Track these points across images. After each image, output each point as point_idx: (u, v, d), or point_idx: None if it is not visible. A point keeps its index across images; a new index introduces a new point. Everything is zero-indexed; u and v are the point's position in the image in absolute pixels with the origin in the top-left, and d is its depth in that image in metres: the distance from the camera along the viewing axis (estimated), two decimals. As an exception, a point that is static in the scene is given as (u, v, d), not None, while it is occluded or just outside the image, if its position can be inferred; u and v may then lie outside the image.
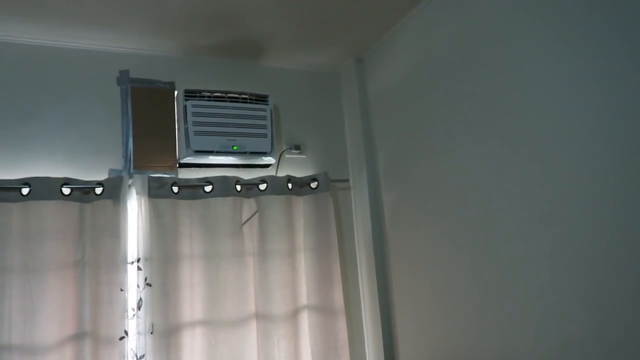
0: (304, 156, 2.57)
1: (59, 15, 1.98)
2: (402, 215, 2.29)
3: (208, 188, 2.22)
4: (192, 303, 2.11)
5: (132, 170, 2.19)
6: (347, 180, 2.59)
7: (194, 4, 1.98)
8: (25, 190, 1.91)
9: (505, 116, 1.67)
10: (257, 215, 2.30)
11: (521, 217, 1.61)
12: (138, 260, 2.02)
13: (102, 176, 2.11)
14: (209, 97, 2.25)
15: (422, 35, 2.13)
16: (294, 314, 2.28)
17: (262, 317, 2.21)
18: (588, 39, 1.38)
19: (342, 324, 2.34)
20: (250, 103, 2.32)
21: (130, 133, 2.22)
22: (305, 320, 2.32)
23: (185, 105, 2.19)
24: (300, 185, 2.43)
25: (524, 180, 1.59)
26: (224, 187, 2.23)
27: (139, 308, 1.98)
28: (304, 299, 2.34)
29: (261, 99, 2.34)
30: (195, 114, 2.19)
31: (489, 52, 1.74)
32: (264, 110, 2.34)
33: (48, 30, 2.07)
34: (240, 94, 2.31)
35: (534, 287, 1.56)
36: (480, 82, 1.78)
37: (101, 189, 2.03)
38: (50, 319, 1.86)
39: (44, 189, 1.93)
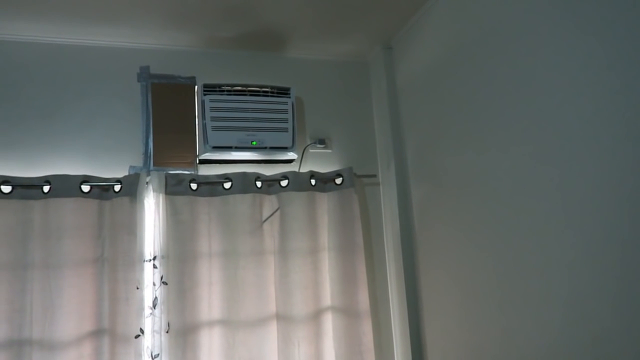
0: (329, 151, 2.46)
1: (78, 12, 1.98)
2: (430, 213, 2.13)
3: (227, 185, 2.17)
4: (210, 302, 2.07)
5: (152, 167, 2.18)
6: (375, 176, 2.46)
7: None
8: (46, 188, 1.94)
9: (537, 112, 1.48)
10: (278, 212, 2.22)
11: (549, 220, 1.42)
12: (154, 259, 2.00)
13: (122, 173, 2.12)
14: (228, 91, 2.18)
15: (453, 17, 1.95)
16: (316, 316, 2.19)
17: (283, 318, 2.14)
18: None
19: (367, 327, 2.22)
20: (272, 96, 2.23)
21: (151, 129, 2.21)
22: (328, 323, 2.23)
23: (204, 100, 2.14)
24: (325, 182, 2.33)
25: (554, 181, 1.41)
26: (244, 183, 2.17)
27: (154, 306, 1.96)
28: (327, 300, 2.25)
29: (283, 92, 2.26)
30: (213, 109, 2.14)
31: (524, 37, 1.55)
32: (285, 103, 2.25)
33: (68, 28, 2.09)
34: (261, 87, 2.23)
35: (560, 293, 1.38)
36: (514, 70, 1.59)
37: (119, 186, 2.02)
38: (69, 315, 1.88)
39: (64, 187, 1.95)
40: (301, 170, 2.32)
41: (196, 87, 2.26)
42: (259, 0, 2.00)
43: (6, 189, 1.90)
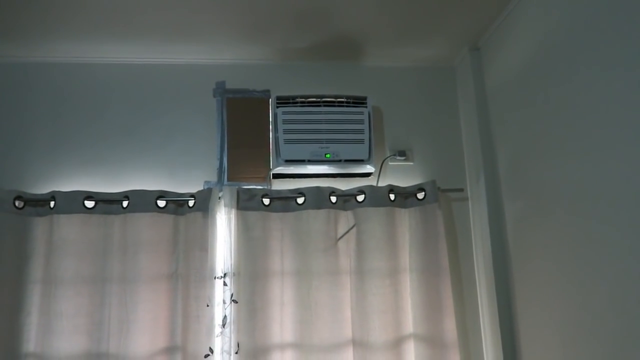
0: (410, 163, 2.27)
1: (155, 32, 2.04)
2: (527, 232, 1.85)
3: (300, 200, 2.07)
4: (282, 323, 1.97)
5: (226, 182, 2.15)
6: (462, 190, 2.21)
7: (284, 2, 1.86)
8: (125, 203, 1.98)
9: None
10: (354, 229, 2.07)
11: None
12: (224, 275, 1.94)
13: (198, 189, 2.11)
14: (302, 102, 2.10)
15: (546, 10, 1.70)
16: (397, 344, 1.99)
17: (359, 344, 1.97)
18: None
19: (454, 359, 1.97)
20: (347, 106, 2.11)
21: (225, 144, 2.19)
22: (410, 352, 2.01)
23: (276, 113, 2.08)
24: (405, 196, 2.14)
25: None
26: (317, 198, 2.05)
27: (223, 325, 1.90)
28: (408, 327, 2.04)
29: (358, 101, 2.13)
30: (285, 122, 2.07)
31: (630, 30, 1.28)
32: (362, 113, 2.11)
33: (149, 48, 2.15)
34: (336, 97, 2.12)
35: None
36: (621, 67, 1.32)
37: (193, 201, 2.01)
38: (143, 330, 1.87)
39: (141, 202, 1.97)
40: (379, 185, 2.16)
41: (270, 100, 2.21)
42: (333, 7, 1.91)
43: (90, 204, 1.97)
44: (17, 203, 1.92)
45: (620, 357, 1.34)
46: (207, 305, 1.89)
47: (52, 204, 1.94)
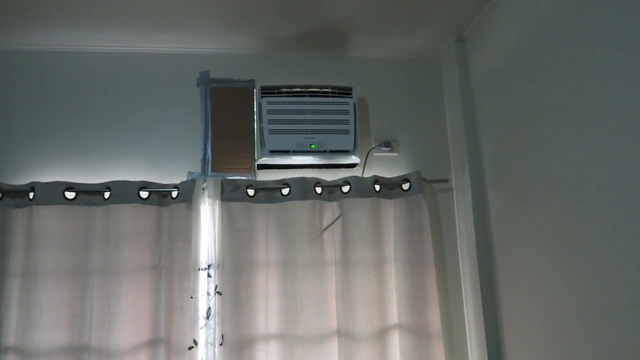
0: (395, 154, 2.26)
1: (141, 21, 2.00)
2: (511, 223, 1.87)
3: (285, 191, 2.06)
4: (266, 315, 1.96)
5: (210, 172, 2.13)
6: (447, 181, 2.22)
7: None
8: (107, 194, 1.95)
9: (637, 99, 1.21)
10: (339, 220, 2.07)
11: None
12: (209, 267, 1.93)
13: (182, 179, 2.08)
14: (287, 93, 2.08)
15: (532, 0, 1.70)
16: (381, 334, 2.00)
17: (344, 335, 1.97)
18: None
19: (438, 349, 1.98)
20: (332, 97, 2.10)
21: (209, 135, 2.17)
22: (395, 342, 2.02)
23: (261, 103, 2.06)
24: (390, 187, 2.14)
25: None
26: (302, 189, 2.04)
27: (207, 317, 1.88)
28: (393, 317, 2.05)
29: (344, 92, 2.11)
30: (270, 112, 2.05)
31: (619, 19, 1.29)
32: (347, 104, 2.10)
33: (131, 36, 2.11)
34: (322, 87, 2.11)
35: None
36: (610, 58, 1.33)
37: (176, 192, 1.99)
38: (126, 323, 1.85)
39: (123, 193, 1.94)
40: (364, 175, 2.16)
41: (255, 90, 2.19)
42: (317, -5, 1.90)
43: (70, 195, 1.93)
44: (-6, 194, 1.88)
45: (604, 346, 1.35)
46: (191, 297, 1.87)
47: (31, 195, 1.90)
